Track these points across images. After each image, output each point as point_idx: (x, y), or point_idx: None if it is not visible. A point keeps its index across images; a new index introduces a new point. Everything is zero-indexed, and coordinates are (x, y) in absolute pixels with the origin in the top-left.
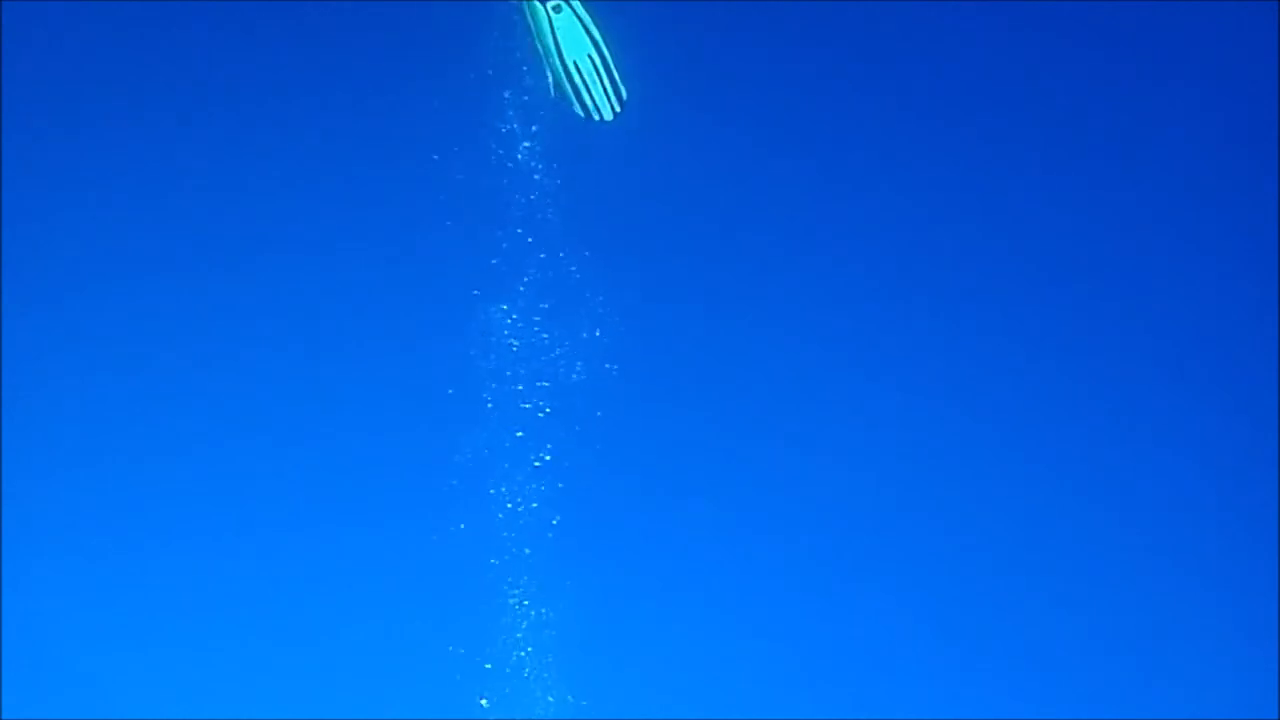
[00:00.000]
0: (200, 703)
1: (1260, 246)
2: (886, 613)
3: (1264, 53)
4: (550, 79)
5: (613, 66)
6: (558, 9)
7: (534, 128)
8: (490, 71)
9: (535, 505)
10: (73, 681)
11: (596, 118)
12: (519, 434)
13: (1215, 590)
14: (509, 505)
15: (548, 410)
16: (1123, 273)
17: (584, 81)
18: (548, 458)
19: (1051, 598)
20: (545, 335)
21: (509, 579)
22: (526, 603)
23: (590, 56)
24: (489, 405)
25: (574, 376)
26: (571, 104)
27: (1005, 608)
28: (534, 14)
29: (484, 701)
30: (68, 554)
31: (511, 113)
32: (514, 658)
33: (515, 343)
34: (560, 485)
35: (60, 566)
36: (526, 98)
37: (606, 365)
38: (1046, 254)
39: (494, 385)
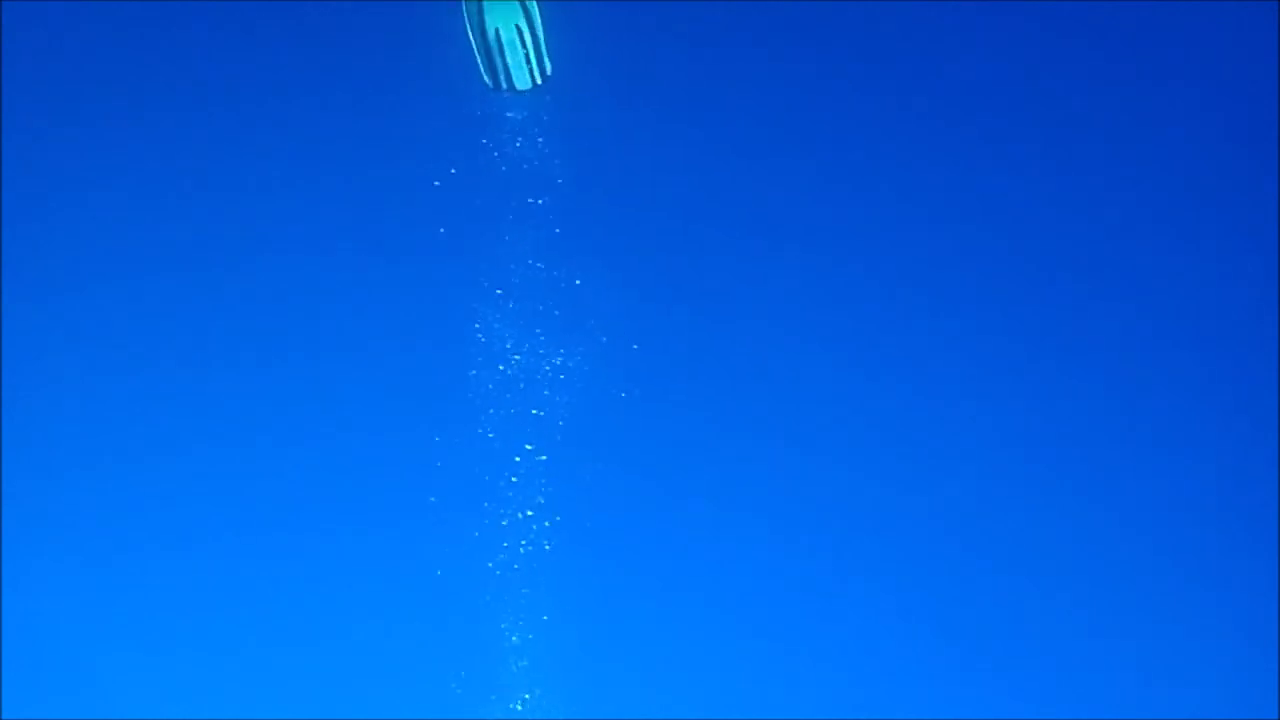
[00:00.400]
0: (196, 704)
1: (1260, 246)
2: (883, 617)
3: (1264, 53)
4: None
5: (541, 39)
6: None
7: (539, 137)
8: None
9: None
10: (73, 681)
11: (505, 87)
12: (514, 478)
13: (1215, 590)
14: (505, 545)
15: (542, 455)
16: (1122, 272)
17: (500, 50)
18: (542, 500)
19: (1052, 598)
20: (542, 351)
21: (506, 603)
22: (531, 636)
23: (518, 26)
24: (490, 435)
25: (571, 397)
26: (482, 72)
27: (1005, 608)
28: None
29: None
30: (67, 554)
31: (513, 125)
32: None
33: (517, 356)
34: (557, 518)
35: (60, 567)
36: (525, 111)
37: (603, 384)
38: (1044, 253)
39: (492, 411)
